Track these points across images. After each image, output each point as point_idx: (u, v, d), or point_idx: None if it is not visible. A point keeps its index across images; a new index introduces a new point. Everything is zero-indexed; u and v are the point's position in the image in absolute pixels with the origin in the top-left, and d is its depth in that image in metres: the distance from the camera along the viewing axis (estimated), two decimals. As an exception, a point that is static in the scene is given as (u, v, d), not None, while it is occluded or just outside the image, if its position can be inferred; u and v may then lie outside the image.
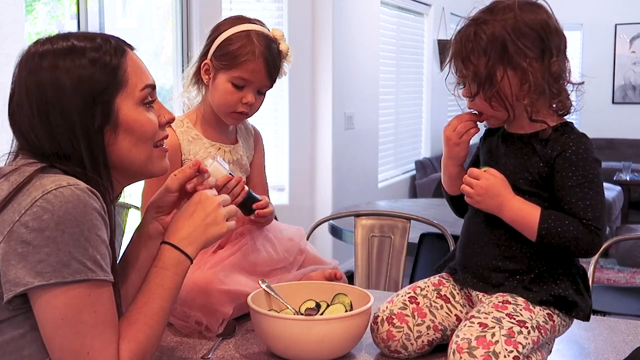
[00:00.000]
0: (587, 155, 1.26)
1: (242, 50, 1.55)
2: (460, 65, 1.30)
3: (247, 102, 1.58)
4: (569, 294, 1.28)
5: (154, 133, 1.15)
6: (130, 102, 1.11)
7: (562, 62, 1.29)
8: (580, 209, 1.25)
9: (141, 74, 1.14)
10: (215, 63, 1.58)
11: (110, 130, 1.09)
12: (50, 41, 1.09)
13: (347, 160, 5.01)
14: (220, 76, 1.58)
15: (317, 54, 4.72)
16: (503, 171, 1.31)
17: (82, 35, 1.10)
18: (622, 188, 6.43)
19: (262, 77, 1.58)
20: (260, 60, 1.55)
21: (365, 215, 2.43)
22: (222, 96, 1.58)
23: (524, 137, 1.32)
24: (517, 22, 1.26)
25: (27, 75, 1.07)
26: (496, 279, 1.32)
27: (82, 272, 0.98)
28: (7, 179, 1.03)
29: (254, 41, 1.56)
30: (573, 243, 1.24)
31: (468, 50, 1.28)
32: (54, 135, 1.06)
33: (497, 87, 1.27)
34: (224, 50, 1.56)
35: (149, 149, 1.15)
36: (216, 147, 1.64)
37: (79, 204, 0.98)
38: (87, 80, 1.06)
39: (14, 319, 1.00)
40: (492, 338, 1.18)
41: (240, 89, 1.57)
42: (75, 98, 1.06)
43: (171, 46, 3.83)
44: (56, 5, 3.44)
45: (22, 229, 0.96)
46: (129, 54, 1.13)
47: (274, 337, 1.31)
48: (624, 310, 3.05)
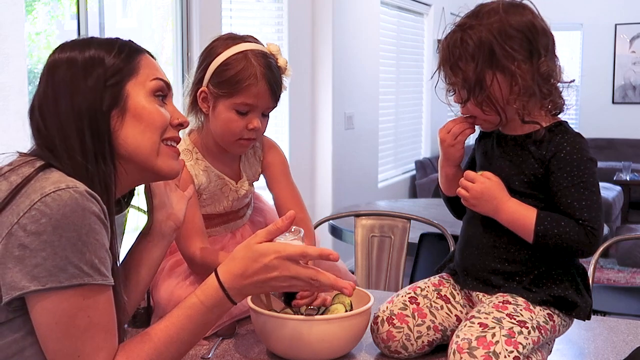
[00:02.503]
0: (582, 155, 1.26)
1: (242, 74, 1.43)
2: (449, 72, 1.30)
3: (254, 127, 1.46)
4: (569, 294, 1.28)
5: (163, 125, 1.13)
6: (140, 91, 1.11)
7: (551, 61, 1.28)
8: (576, 210, 1.25)
9: (154, 69, 1.15)
10: (213, 90, 1.46)
11: (118, 114, 1.09)
12: (73, 41, 1.13)
13: (347, 160, 5.01)
14: (222, 104, 1.46)
15: (317, 54, 4.72)
16: (498, 173, 1.31)
17: (104, 39, 1.14)
18: (622, 188, 6.43)
19: (266, 100, 1.46)
20: (263, 82, 1.44)
21: (365, 215, 2.43)
22: (226, 125, 1.47)
23: (518, 138, 1.32)
24: (503, 25, 1.25)
25: (47, 72, 1.10)
26: (496, 281, 1.32)
27: (78, 277, 0.97)
28: (6, 178, 1.02)
29: (253, 63, 1.44)
30: (570, 244, 1.24)
31: (456, 56, 1.28)
32: (60, 118, 1.06)
33: (487, 92, 1.27)
34: (222, 76, 1.44)
35: (156, 141, 1.13)
36: (225, 183, 1.56)
37: (77, 208, 0.97)
38: (99, 67, 1.08)
39: (14, 321, 1.00)
40: (492, 338, 1.18)
41: (244, 115, 1.46)
42: (85, 82, 1.07)
43: (171, 46, 3.83)
44: (56, 5, 3.44)
45: (20, 232, 0.96)
46: (145, 54, 1.16)
47: (274, 337, 1.31)
48: (624, 310, 3.05)
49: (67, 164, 1.04)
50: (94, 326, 1.01)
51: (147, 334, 1.09)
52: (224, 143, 1.51)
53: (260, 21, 4.49)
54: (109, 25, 3.51)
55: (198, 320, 1.11)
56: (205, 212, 1.56)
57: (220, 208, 1.59)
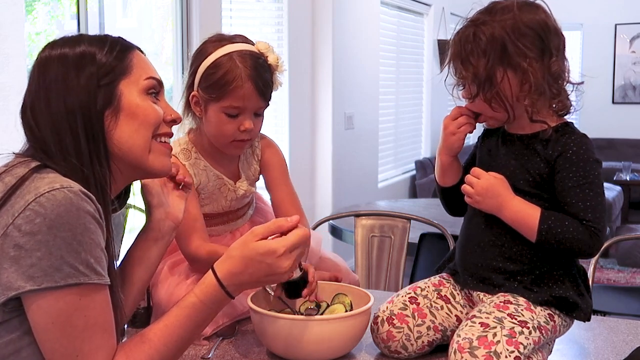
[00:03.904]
0: (588, 156, 1.26)
1: (227, 77, 1.43)
2: (460, 66, 1.30)
3: (245, 129, 1.46)
4: (570, 294, 1.28)
5: (156, 122, 1.13)
6: (133, 89, 1.11)
7: (562, 62, 1.29)
8: (581, 210, 1.25)
9: (146, 67, 1.15)
10: (202, 95, 1.47)
11: (112, 114, 1.09)
12: (62, 38, 1.12)
13: (347, 160, 5.01)
14: (212, 107, 1.47)
15: (317, 54, 4.72)
16: (503, 172, 1.31)
17: (95, 36, 1.13)
18: (622, 188, 6.43)
19: (255, 101, 1.46)
20: (248, 83, 1.43)
21: (365, 215, 2.43)
22: (218, 127, 1.48)
23: (524, 137, 1.32)
24: (516, 22, 1.26)
25: (38, 69, 1.09)
26: (496, 280, 1.32)
27: (73, 277, 0.97)
28: (1, 179, 1.02)
29: (238, 64, 1.43)
30: (573, 244, 1.24)
31: (467, 51, 1.28)
32: (53, 118, 1.05)
33: (497, 88, 1.27)
34: (209, 80, 1.45)
35: (148, 136, 1.12)
36: (223, 182, 1.56)
37: (72, 208, 0.97)
38: (91, 66, 1.07)
39: (10, 321, 1.00)
40: (493, 338, 1.18)
41: (234, 117, 1.46)
42: (78, 82, 1.06)
43: (171, 46, 3.83)
44: (56, 5, 3.44)
45: (15, 232, 0.96)
46: (136, 50, 1.15)
47: (274, 337, 1.31)
48: (624, 310, 3.05)
49: (62, 165, 1.04)
50: (91, 326, 1.01)
51: (146, 335, 1.08)
52: (219, 145, 1.52)
53: (260, 21, 4.49)
54: (109, 25, 3.51)
55: (197, 318, 1.11)
56: (204, 212, 1.56)
57: (219, 208, 1.59)
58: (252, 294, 1.38)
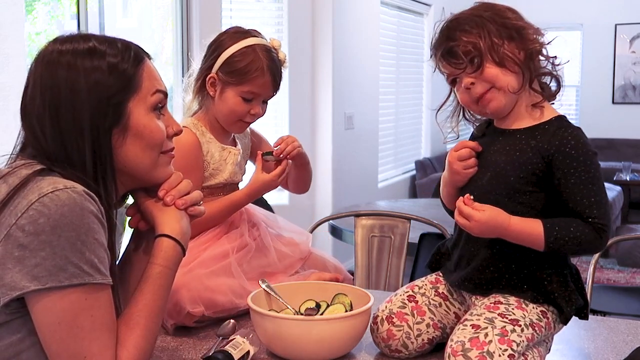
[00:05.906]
0: (587, 150, 1.25)
1: (251, 66, 1.62)
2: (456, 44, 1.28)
3: (255, 113, 1.67)
4: (559, 294, 1.27)
5: (162, 141, 1.14)
6: (142, 107, 1.10)
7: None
8: (586, 207, 1.24)
9: (154, 80, 1.14)
10: (222, 78, 1.65)
11: (119, 132, 1.08)
12: (71, 40, 1.09)
13: (347, 160, 5.01)
14: (230, 90, 1.65)
15: (317, 54, 4.72)
16: (493, 168, 1.30)
17: (104, 39, 1.10)
18: (622, 188, 6.43)
19: (269, 90, 1.67)
20: (268, 74, 1.64)
21: (365, 215, 2.43)
22: (232, 108, 1.66)
23: (517, 132, 1.31)
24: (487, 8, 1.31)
25: (44, 70, 1.07)
26: (486, 280, 1.31)
27: (78, 276, 0.97)
28: (5, 180, 1.02)
29: (260, 56, 1.63)
30: (582, 246, 1.24)
31: (461, 22, 1.30)
32: (62, 133, 1.05)
33: (502, 48, 1.27)
34: (232, 67, 1.63)
35: (155, 156, 1.14)
36: (227, 151, 1.71)
37: (75, 208, 0.97)
38: (103, 84, 1.06)
39: (12, 322, 1.00)
40: (485, 338, 1.18)
41: (249, 101, 1.65)
42: (89, 98, 1.05)
43: (171, 46, 3.83)
44: (56, 5, 3.44)
45: (18, 232, 0.96)
46: (146, 62, 1.13)
47: (274, 337, 1.31)
48: (624, 310, 3.05)
49: (67, 170, 1.04)
50: (99, 326, 1.01)
51: (130, 319, 1.08)
52: (225, 123, 1.69)
53: (260, 21, 4.49)
54: (109, 25, 3.51)
55: (168, 284, 1.14)
56: (209, 184, 1.68)
57: (222, 179, 1.70)
58: (252, 294, 1.39)
